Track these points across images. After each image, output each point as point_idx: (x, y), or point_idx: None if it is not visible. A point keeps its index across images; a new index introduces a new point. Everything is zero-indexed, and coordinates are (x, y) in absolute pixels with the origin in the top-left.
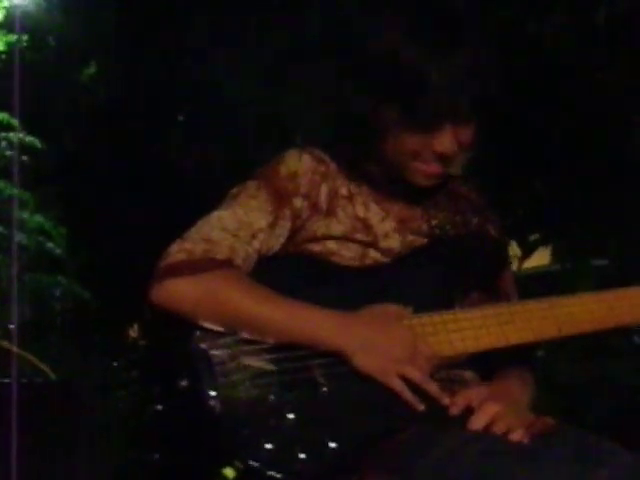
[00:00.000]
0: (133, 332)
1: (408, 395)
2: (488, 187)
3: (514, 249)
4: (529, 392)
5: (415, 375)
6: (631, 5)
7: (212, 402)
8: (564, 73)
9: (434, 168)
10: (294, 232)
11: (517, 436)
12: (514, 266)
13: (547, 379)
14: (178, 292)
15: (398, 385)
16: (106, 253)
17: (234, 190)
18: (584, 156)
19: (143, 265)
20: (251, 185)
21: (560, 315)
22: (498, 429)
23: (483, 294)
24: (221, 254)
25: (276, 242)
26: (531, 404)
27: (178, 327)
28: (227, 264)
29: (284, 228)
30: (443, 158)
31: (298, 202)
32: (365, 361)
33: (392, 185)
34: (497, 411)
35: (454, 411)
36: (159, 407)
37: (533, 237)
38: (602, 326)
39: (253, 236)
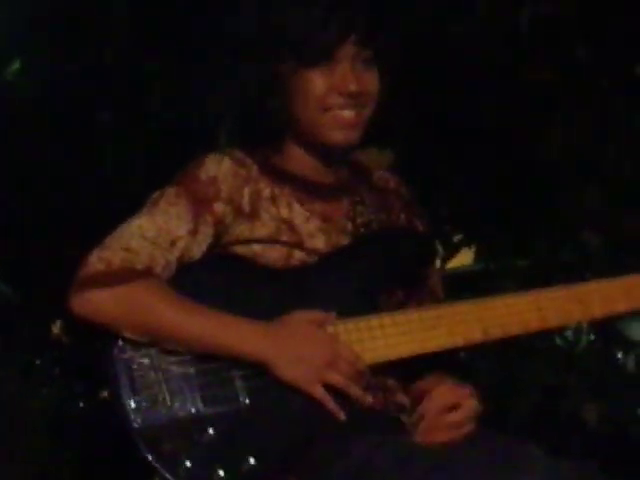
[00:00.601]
0: (56, 328)
1: (330, 404)
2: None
3: (437, 249)
4: None
5: (337, 380)
6: (554, 6)
7: (132, 415)
8: (485, 72)
9: (346, 113)
10: (218, 237)
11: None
12: (437, 265)
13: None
14: (98, 304)
15: (320, 394)
16: (28, 248)
17: (154, 196)
18: (504, 156)
19: (67, 261)
20: (170, 192)
21: (486, 318)
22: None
23: (409, 292)
24: (140, 264)
25: (198, 249)
26: None
27: (101, 333)
28: (147, 274)
29: (206, 234)
30: (349, 96)
31: (220, 207)
32: (288, 371)
33: (315, 184)
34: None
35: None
36: (81, 405)
37: (456, 238)
38: (529, 329)
39: (172, 244)
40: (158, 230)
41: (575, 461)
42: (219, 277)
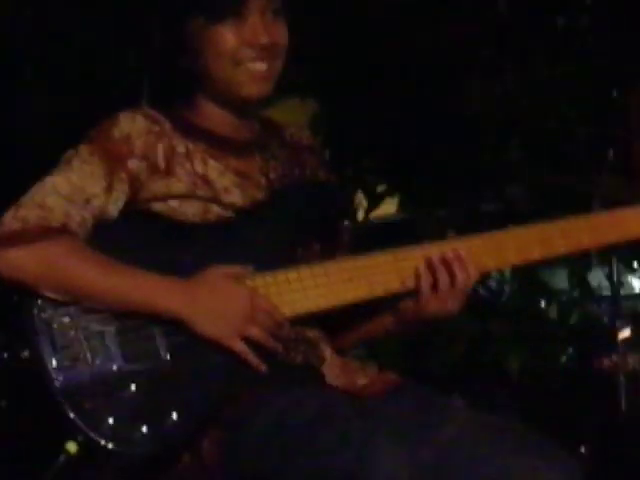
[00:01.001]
0: None
1: (250, 357)
2: (335, 138)
3: (361, 199)
4: None
5: (255, 333)
6: None
7: (53, 374)
8: (408, 25)
9: (258, 65)
10: (134, 194)
11: None
12: (360, 215)
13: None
14: (16, 263)
15: (240, 347)
16: None
17: (67, 154)
18: (427, 108)
19: None
20: (84, 150)
21: (404, 268)
22: None
23: (324, 245)
24: (56, 221)
25: (114, 206)
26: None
27: (19, 292)
28: (62, 231)
29: (121, 192)
30: (261, 48)
31: (134, 164)
32: (207, 327)
33: (228, 140)
34: None
35: None
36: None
37: (380, 188)
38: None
39: (87, 201)
40: (73, 188)
41: (496, 413)
42: (138, 235)
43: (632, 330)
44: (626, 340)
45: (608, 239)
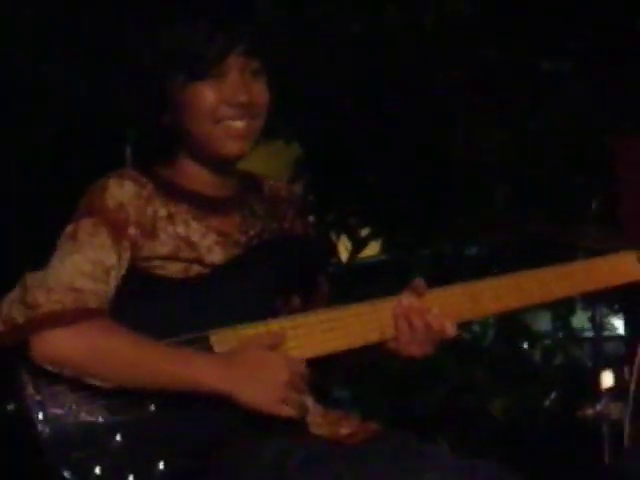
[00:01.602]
0: None
1: (293, 415)
2: (318, 183)
3: (345, 243)
4: None
5: (295, 397)
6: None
7: (40, 426)
8: (392, 72)
9: (237, 124)
10: (132, 259)
11: None
12: (344, 258)
13: (378, 372)
14: (59, 348)
15: (287, 412)
16: None
17: (68, 231)
18: (409, 154)
19: None
20: (87, 223)
21: (382, 318)
22: None
23: (303, 297)
24: (91, 302)
25: (122, 274)
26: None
27: (2, 346)
28: (99, 312)
29: (126, 259)
30: (239, 106)
31: (132, 230)
32: (252, 398)
33: (209, 199)
34: None
35: None
36: None
37: (364, 232)
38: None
39: (107, 274)
40: (92, 264)
41: (480, 460)
42: (120, 290)
43: (615, 378)
44: (609, 389)
45: (584, 288)
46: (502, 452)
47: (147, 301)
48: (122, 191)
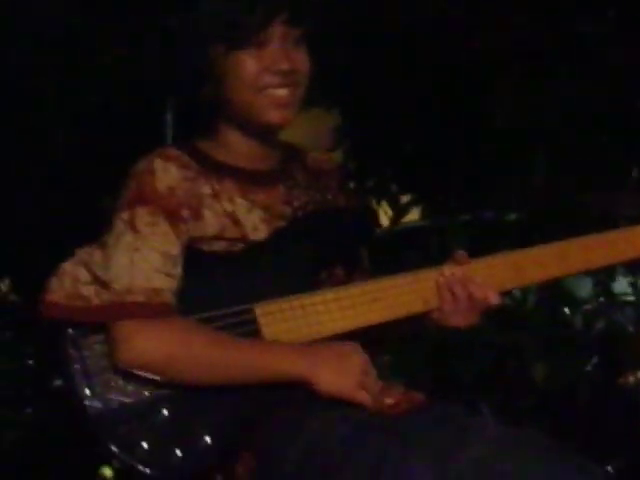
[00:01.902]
0: (4, 286)
1: (370, 405)
2: (358, 150)
3: (386, 209)
4: None
5: (371, 384)
6: None
7: (87, 401)
8: (432, 38)
9: (280, 92)
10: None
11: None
12: (386, 223)
13: (420, 339)
14: (145, 352)
15: (364, 398)
16: None
17: (125, 217)
18: (454, 121)
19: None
20: (143, 211)
21: (425, 289)
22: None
23: (347, 269)
24: (169, 299)
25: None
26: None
27: (50, 323)
28: (173, 309)
29: (185, 242)
30: (282, 74)
31: (185, 213)
32: (331, 386)
33: (252, 173)
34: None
35: None
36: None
37: (405, 199)
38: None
39: (176, 264)
40: (163, 256)
41: (522, 422)
42: None
43: None
44: None
45: (626, 256)
46: (544, 418)
47: (193, 276)
48: (169, 174)
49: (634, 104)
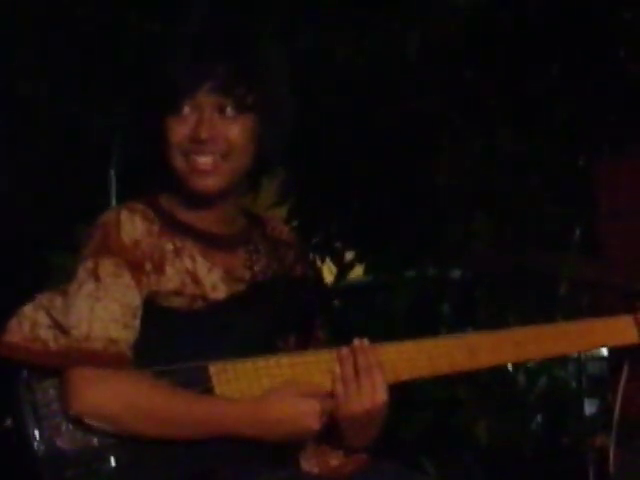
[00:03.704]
0: None
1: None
2: (302, 207)
3: (330, 266)
4: None
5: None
6: (442, 37)
7: (36, 443)
8: (374, 101)
9: (201, 159)
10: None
11: None
12: (329, 280)
13: None
14: (98, 404)
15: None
16: None
17: (89, 265)
18: (395, 180)
19: None
20: (108, 262)
21: (385, 362)
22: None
23: (300, 338)
24: (125, 350)
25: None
26: None
27: (3, 361)
28: (129, 361)
29: (145, 295)
30: (200, 142)
31: (148, 266)
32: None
33: (214, 235)
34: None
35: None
36: None
37: (349, 256)
38: (419, 375)
39: (135, 317)
40: (121, 307)
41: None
42: None
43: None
44: (594, 415)
45: (579, 348)
46: (488, 476)
47: (150, 329)
48: (135, 227)
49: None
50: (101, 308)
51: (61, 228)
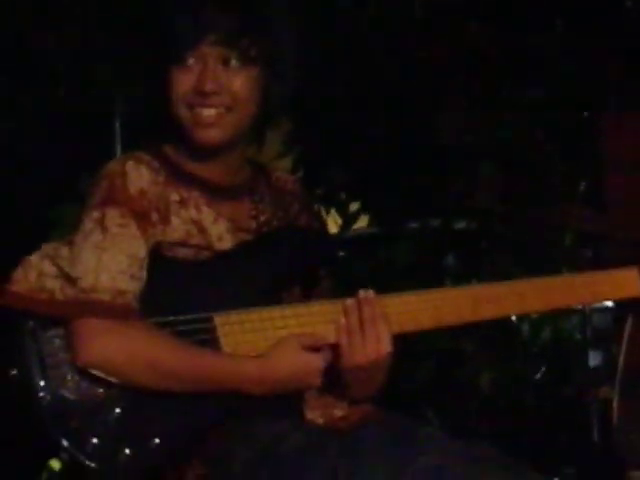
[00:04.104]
0: None
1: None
2: (307, 158)
3: (334, 217)
4: None
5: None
6: None
7: (41, 393)
8: (384, 49)
9: (205, 112)
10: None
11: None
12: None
13: None
14: (104, 354)
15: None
16: None
17: (96, 216)
18: (399, 130)
19: None
20: (114, 212)
21: (390, 313)
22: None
23: (305, 290)
24: (133, 302)
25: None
26: None
27: (10, 312)
28: (135, 311)
29: (151, 245)
30: (204, 95)
31: (154, 216)
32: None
33: (219, 185)
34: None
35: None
36: None
37: (353, 207)
38: (424, 326)
39: (141, 267)
40: (129, 258)
41: (470, 439)
42: None
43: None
44: (597, 367)
45: (584, 300)
46: (491, 427)
47: (155, 280)
48: (141, 177)
49: (582, 115)
50: (108, 259)
51: (64, 179)
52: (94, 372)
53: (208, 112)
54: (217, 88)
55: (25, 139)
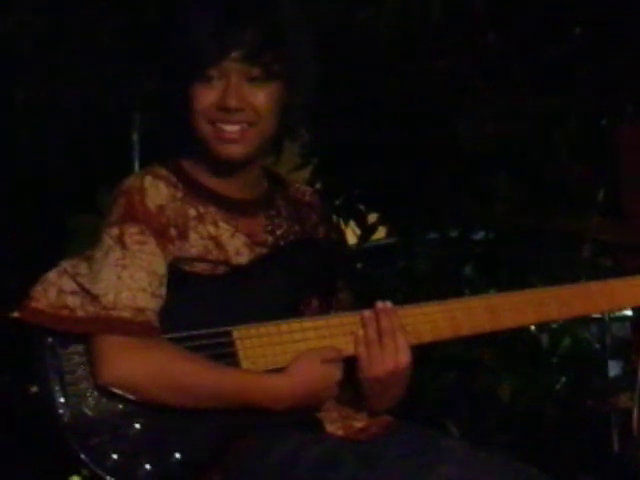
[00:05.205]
0: None
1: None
2: (325, 169)
3: (353, 228)
4: None
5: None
6: None
7: (61, 410)
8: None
9: (228, 128)
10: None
11: None
12: (352, 241)
13: None
14: (127, 374)
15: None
16: None
17: (115, 233)
18: (417, 141)
19: None
20: (133, 229)
21: (408, 324)
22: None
23: (323, 301)
24: (153, 319)
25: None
26: None
27: (30, 328)
28: (157, 330)
29: (170, 261)
30: (227, 111)
31: (173, 232)
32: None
33: (236, 200)
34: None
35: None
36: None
37: (372, 218)
38: (442, 336)
39: (161, 284)
40: (150, 276)
41: (490, 449)
42: None
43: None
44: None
45: (604, 308)
46: (510, 438)
47: (173, 295)
48: (159, 193)
49: (600, 123)
50: (128, 276)
51: (82, 191)
52: (115, 391)
53: (231, 128)
54: (241, 104)
55: (44, 150)
